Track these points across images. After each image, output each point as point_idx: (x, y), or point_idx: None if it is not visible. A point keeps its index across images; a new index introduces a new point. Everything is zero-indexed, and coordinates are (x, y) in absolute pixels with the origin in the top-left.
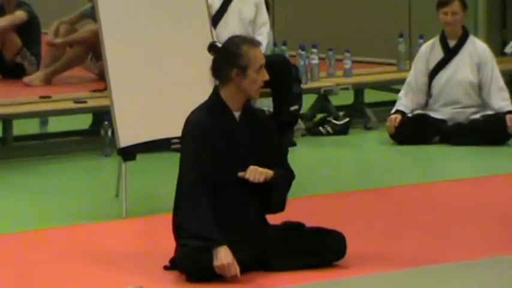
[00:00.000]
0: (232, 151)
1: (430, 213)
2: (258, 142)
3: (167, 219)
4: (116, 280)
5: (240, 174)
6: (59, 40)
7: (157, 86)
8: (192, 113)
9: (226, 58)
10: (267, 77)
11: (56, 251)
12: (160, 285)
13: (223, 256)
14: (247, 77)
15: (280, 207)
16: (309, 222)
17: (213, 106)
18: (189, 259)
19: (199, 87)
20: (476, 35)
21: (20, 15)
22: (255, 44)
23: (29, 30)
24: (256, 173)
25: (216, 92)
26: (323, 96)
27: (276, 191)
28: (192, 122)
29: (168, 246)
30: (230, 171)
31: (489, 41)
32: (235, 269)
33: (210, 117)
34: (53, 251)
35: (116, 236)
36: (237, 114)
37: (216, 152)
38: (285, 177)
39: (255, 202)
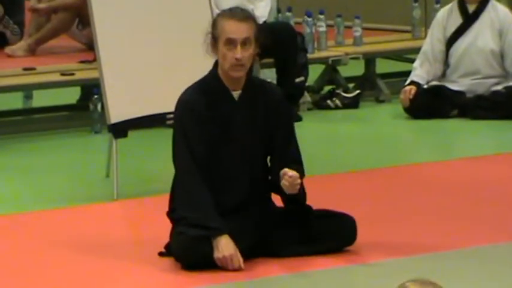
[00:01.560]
0: (228, 133)
1: (448, 194)
2: (261, 125)
3: (162, 201)
4: (107, 267)
5: (288, 173)
6: (42, 5)
7: (151, 56)
8: (185, 91)
9: (208, 27)
10: (238, 54)
11: (42, 235)
12: (155, 273)
13: (225, 247)
14: (219, 50)
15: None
16: (317, 205)
17: (208, 83)
18: (187, 249)
19: (198, 58)
20: None
21: None
22: (237, 15)
23: None
24: (295, 185)
25: (214, 67)
26: (331, 67)
27: (301, 203)
28: (182, 101)
29: (162, 230)
30: (227, 154)
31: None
32: (238, 260)
33: (202, 96)
34: (38, 235)
35: (107, 219)
36: (236, 93)
37: (209, 134)
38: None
39: (258, 186)
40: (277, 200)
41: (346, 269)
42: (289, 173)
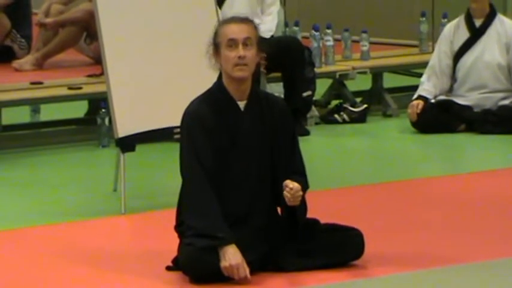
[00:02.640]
0: (235, 143)
1: (455, 208)
2: (266, 134)
3: (169, 215)
4: (114, 281)
5: (289, 185)
6: (49, 20)
7: (159, 70)
8: (191, 103)
9: (210, 39)
10: (241, 52)
11: (50, 249)
12: (163, 287)
13: (232, 256)
14: (221, 55)
15: (303, 222)
16: (324, 219)
17: (214, 94)
18: (194, 260)
19: (205, 72)
20: (505, 13)
21: None
22: (236, 19)
23: (19, 11)
24: (296, 197)
25: (218, 79)
26: (338, 81)
27: (301, 216)
28: (188, 113)
29: (170, 244)
30: (233, 164)
31: None
32: (245, 270)
33: (208, 108)
34: (46, 249)
35: (114, 233)
36: (242, 103)
37: (216, 144)
38: (304, 201)
39: (264, 197)
40: None
41: (352, 283)
42: (290, 185)
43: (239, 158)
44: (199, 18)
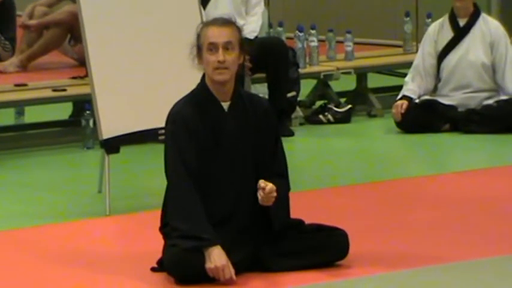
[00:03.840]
0: (218, 144)
1: (439, 208)
2: (250, 135)
3: (154, 216)
4: (99, 282)
5: (261, 185)
6: (33, 21)
7: (143, 72)
8: (175, 104)
9: (193, 40)
10: (221, 57)
11: (34, 251)
12: None
13: (217, 257)
14: (203, 58)
15: (281, 225)
16: (309, 219)
17: (198, 95)
18: (179, 261)
19: (189, 73)
20: (489, 12)
21: None
22: (218, 22)
23: (3, 13)
24: (269, 198)
25: (202, 80)
26: (323, 82)
27: (275, 217)
28: (172, 114)
29: (155, 245)
30: (217, 164)
31: (503, 19)
32: (230, 271)
33: (192, 109)
34: (30, 251)
35: (99, 234)
36: (226, 104)
37: (199, 145)
38: (284, 197)
39: (248, 197)
40: None
41: (337, 284)
42: (262, 184)
43: (223, 159)
44: (183, 20)
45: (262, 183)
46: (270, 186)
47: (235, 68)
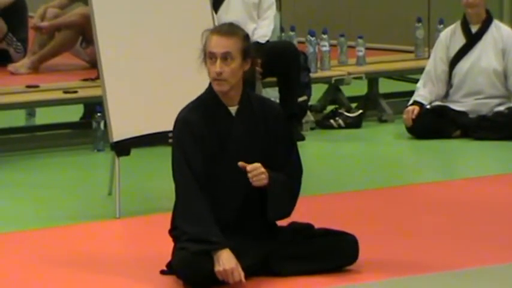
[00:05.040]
0: (226, 148)
1: (450, 214)
2: (259, 139)
3: (164, 219)
4: (108, 285)
5: (241, 164)
6: (45, 23)
7: (154, 74)
8: (183, 109)
9: (202, 45)
10: (217, 68)
11: (44, 253)
12: None
13: (226, 260)
14: (206, 65)
15: (276, 216)
16: (318, 224)
17: (205, 100)
18: (188, 264)
19: (200, 76)
20: (501, 19)
21: None
22: (223, 30)
23: (15, 14)
24: (259, 176)
25: (210, 85)
26: (334, 86)
27: (271, 201)
28: (180, 119)
29: (164, 248)
30: (224, 169)
31: None
32: (239, 274)
33: (200, 113)
34: (40, 253)
35: (109, 237)
36: (233, 108)
37: (205, 150)
38: (283, 184)
39: (256, 202)
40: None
41: None
42: (247, 167)
43: (230, 163)
44: (195, 24)
45: (244, 165)
46: (253, 165)
47: (235, 78)
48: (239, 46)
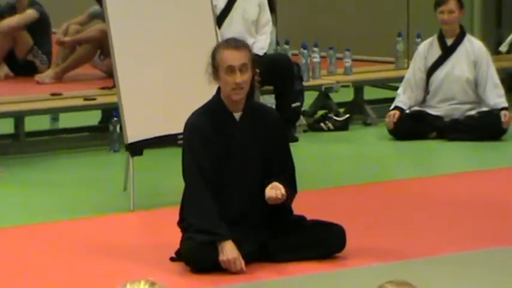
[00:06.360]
0: (230, 150)
1: (427, 207)
2: (260, 143)
3: (173, 212)
4: (123, 270)
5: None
6: (67, 38)
7: (164, 83)
8: (192, 114)
9: (208, 59)
10: (238, 79)
11: (65, 243)
12: (167, 276)
13: (229, 251)
14: (220, 78)
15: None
16: (310, 216)
17: (212, 107)
18: (195, 253)
19: (207, 84)
20: (472, 33)
21: (31, 13)
22: (232, 45)
23: (40, 29)
24: (278, 195)
25: (217, 92)
26: (324, 94)
27: (287, 205)
28: (189, 124)
29: (174, 238)
30: (229, 169)
31: (485, 39)
32: (241, 263)
33: (206, 119)
34: (62, 243)
35: (124, 228)
36: (237, 114)
37: (213, 152)
38: (289, 188)
39: (257, 199)
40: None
41: (334, 273)
42: (271, 194)
43: (234, 164)
44: (200, 37)
45: (277, 185)
46: (273, 192)
47: (248, 86)
48: (249, 57)
